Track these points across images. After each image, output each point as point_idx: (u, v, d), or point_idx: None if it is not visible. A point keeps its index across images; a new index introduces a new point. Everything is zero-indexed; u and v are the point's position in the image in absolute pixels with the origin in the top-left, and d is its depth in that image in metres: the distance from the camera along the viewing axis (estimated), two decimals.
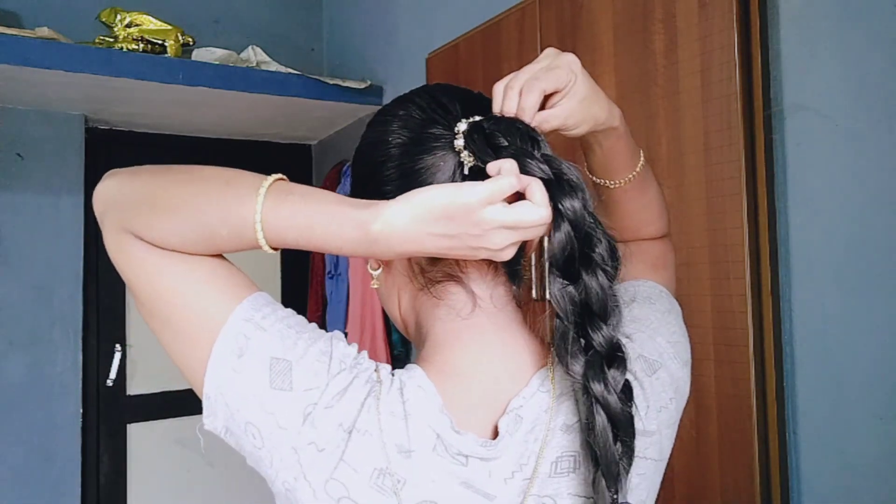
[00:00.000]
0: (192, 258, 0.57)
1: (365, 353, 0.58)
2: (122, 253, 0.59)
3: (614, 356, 0.55)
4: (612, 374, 0.55)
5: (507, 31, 1.66)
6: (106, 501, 2.55)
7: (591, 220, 0.56)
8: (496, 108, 0.60)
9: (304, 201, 0.55)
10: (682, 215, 1.22)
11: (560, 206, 0.54)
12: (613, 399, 0.54)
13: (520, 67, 0.63)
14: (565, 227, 0.54)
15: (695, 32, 1.20)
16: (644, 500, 0.61)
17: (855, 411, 1.04)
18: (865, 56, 1.03)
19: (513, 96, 0.59)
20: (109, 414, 2.56)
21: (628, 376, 0.61)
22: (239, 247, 0.56)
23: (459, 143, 0.58)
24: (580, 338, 0.55)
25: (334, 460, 0.53)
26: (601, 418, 0.54)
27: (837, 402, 1.07)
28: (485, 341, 0.60)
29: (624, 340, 0.64)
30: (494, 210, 0.51)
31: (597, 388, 0.54)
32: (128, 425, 2.61)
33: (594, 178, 0.75)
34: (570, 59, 0.62)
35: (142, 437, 2.62)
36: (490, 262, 0.62)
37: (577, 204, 0.54)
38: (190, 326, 0.56)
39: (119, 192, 0.60)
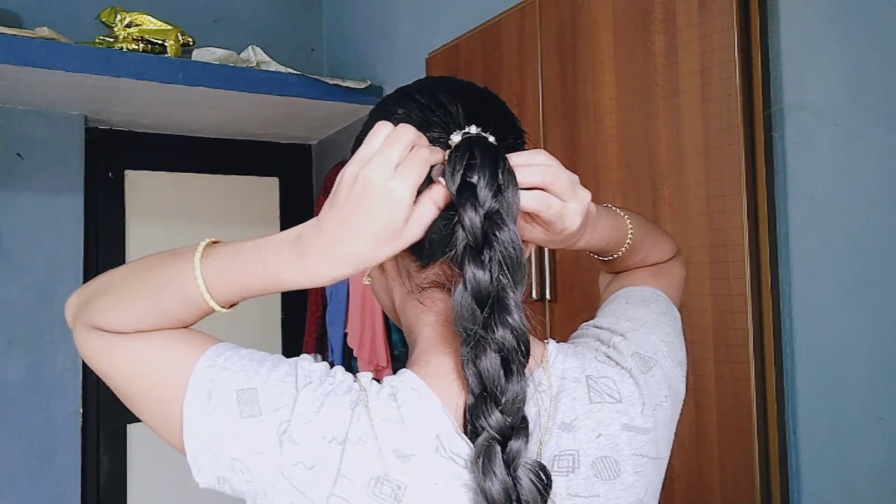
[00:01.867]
0: (151, 333, 0.58)
1: (339, 368, 0.58)
2: (89, 347, 0.61)
3: (510, 437, 0.52)
4: (508, 453, 0.51)
5: (507, 31, 1.66)
6: (106, 501, 2.55)
7: (501, 292, 0.53)
8: (518, 161, 0.56)
9: (236, 248, 0.57)
10: (682, 215, 1.22)
11: (464, 273, 0.53)
12: (496, 491, 0.51)
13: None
14: (466, 297, 0.53)
15: (695, 32, 1.20)
16: (642, 499, 0.60)
17: (855, 411, 1.04)
18: (865, 56, 1.03)
19: (530, 179, 0.55)
20: (109, 414, 2.56)
21: (623, 374, 0.61)
22: (191, 313, 0.58)
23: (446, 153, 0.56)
24: (474, 418, 0.53)
25: (331, 475, 0.52)
26: None
27: (837, 402, 1.07)
28: None
29: (618, 339, 0.64)
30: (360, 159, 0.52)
31: (476, 475, 0.52)
32: (128, 425, 2.61)
33: (589, 254, 0.74)
34: (586, 206, 0.58)
35: (142, 437, 2.62)
36: None
37: (480, 274, 0.52)
38: (160, 394, 0.57)
39: (80, 295, 0.64)
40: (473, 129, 0.56)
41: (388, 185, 0.50)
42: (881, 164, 1.02)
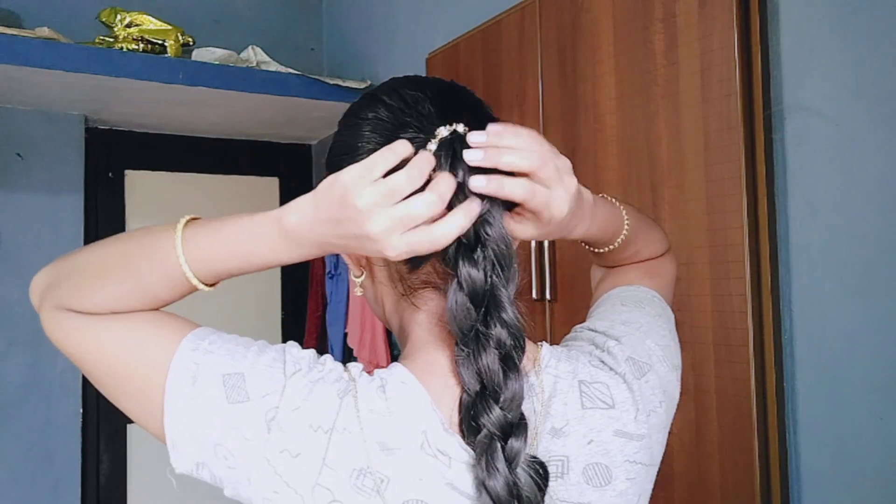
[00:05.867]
0: (128, 315, 0.57)
1: (328, 357, 0.58)
2: (61, 329, 0.59)
3: (511, 435, 0.52)
4: (509, 450, 0.51)
5: (507, 31, 1.66)
6: (106, 501, 2.55)
7: (494, 290, 0.53)
8: (476, 141, 0.53)
9: (218, 225, 0.56)
10: (682, 215, 1.22)
11: (458, 273, 0.52)
12: (500, 487, 0.51)
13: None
14: (461, 296, 0.52)
15: (695, 32, 1.20)
16: None
17: (855, 411, 1.04)
18: (865, 56, 1.03)
19: (498, 161, 0.52)
20: (109, 414, 2.56)
21: (616, 379, 0.60)
22: (173, 291, 0.57)
23: (432, 147, 0.53)
24: (474, 416, 0.53)
25: (317, 465, 0.52)
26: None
27: (837, 402, 1.07)
28: None
29: (612, 343, 0.63)
30: (370, 190, 0.48)
31: (479, 472, 0.51)
32: (128, 425, 2.61)
33: (584, 246, 0.72)
34: (573, 193, 0.55)
35: (142, 437, 2.62)
36: None
37: (475, 273, 0.52)
38: (140, 377, 0.55)
39: (49, 276, 0.62)
40: (461, 128, 0.54)
41: (386, 231, 0.49)
42: (881, 164, 1.02)
